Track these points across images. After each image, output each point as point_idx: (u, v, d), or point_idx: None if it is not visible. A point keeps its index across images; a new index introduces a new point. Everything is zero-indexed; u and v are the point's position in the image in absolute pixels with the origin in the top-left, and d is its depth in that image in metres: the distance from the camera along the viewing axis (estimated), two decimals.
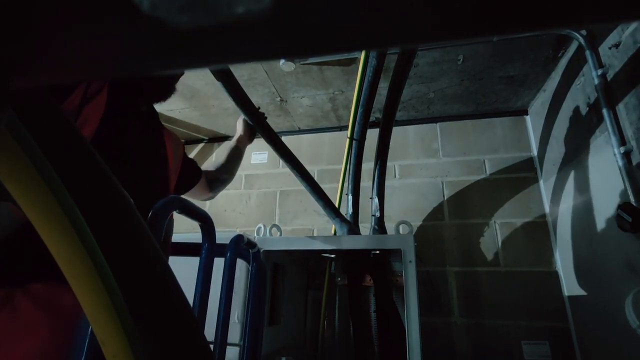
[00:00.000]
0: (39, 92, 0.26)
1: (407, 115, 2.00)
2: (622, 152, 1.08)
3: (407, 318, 1.02)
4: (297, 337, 1.59)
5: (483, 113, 1.94)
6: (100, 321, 0.26)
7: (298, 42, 0.14)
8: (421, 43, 0.14)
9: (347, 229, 1.39)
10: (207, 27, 0.13)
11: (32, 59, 0.16)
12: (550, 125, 1.62)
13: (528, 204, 1.72)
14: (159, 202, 0.50)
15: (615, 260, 1.17)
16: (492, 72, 1.60)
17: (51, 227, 0.25)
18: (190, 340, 0.29)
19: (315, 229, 1.97)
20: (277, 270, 1.46)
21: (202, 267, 0.64)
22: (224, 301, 0.71)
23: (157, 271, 0.29)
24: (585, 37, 1.24)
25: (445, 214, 1.81)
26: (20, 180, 0.24)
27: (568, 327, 1.50)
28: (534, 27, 0.13)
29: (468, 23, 0.12)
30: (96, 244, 0.26)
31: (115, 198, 0.28)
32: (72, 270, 0.26)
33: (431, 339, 1.61)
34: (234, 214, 2.13)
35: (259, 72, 1.65)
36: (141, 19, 0.13)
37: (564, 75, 1.49)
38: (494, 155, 1.85)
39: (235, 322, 1.13)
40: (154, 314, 0.28)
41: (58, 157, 0.25)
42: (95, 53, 0.15)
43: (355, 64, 1.56)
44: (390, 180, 1.91)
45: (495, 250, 1.69)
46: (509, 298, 1.60)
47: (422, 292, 1.68)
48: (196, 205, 0.62)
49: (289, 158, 1.23)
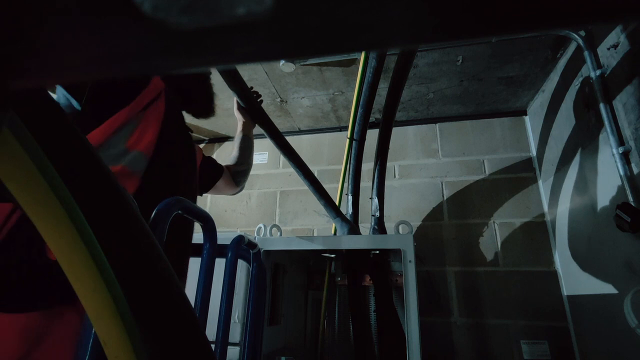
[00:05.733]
0: (39, 92, 0.26)
1: (407, 116, 2.00)
2: (621, 152, 1.08)
3: (407, 318, 1.02)
4: (297, 337, 1.59)
5: (482, 113, 1.94)
6: (102, 322, 0.26)
7: (299, 42, 0.14)
8: (421, 44, 0.14)
9: (348, 229, 1.39)
10: (208, 27, 0.13)
11: (32, 60, 0.16)
12: (549, 126, 1.62)
13: (527, 204, 1.72)
14: (161, 204, 0.50)
15: (614, 260, 1.17)
16: (491, 73, 1.61)
17: (52, 227, 0.25)
18: (192, 340, 0.29)
19: (315, 229, 1.97)
20: (277, 270, 1.46)
21: (203, 268, 0.64)
22: (224, 301, 0.71)
23: (159, 272, 0.29)
24: (584, 37, 1.24)
25: (445, 214, 1.81)
26: (21, 180, 0.24)
27: (567, 327, 1.50)
28: (533, 28, 0.13)
29: (467, 23, 0.12)
30: (98, 244, 0.26)
31: (116, 198, 0.28)
32: (73, 271, 0.26)
33: (431, 339, 1.61)
34: (235, 214, 2.13)
35: (259, 72, 1.65)
36: (142, 20, 0.13)
37: (562, 75, 1.49)
38: (493, 156, 1.85)
39: (236, 322, 1.13)
40: (155, 315, 0.28)
41: (59, 157, 0.25)
42: (96, 54, 0.15)
43: (355, 64, 1.56)
44: (390, 181, 1.91)
45: (494, 250, 1.69)
46: (508, 298, 1.60)
47: (422, 292, 1.68)
48: (197, 206, 0.62)
49: (287, 150, 1.19)
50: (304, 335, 1.64)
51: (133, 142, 0.63)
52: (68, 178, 0.26)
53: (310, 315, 1.69)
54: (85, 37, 0.14)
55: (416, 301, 1.03)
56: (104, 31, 0.14)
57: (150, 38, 0.14)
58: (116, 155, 0.60)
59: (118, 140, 0.61)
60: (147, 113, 0.66)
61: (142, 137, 0.64)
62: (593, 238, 1.30)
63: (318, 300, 1.68)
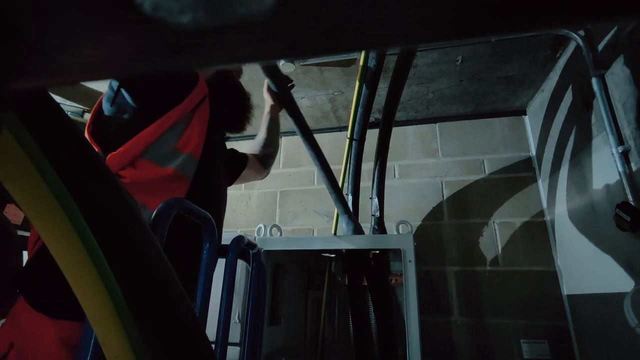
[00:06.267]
0: (39, 93, 0.26)
1: (407, 116, 2.00)
2: (620, 152, 1.09)
3: (407, 318, 1.02)
4: (297, 337, 1.59)
5: (482, 113, 1.94)
6: (101, 322, 0.26)
7: (299, 42, 0.14)
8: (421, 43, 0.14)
9: (353, 228, 1.40)
10: (208, 27, 0.13)
11: (32, 60, 0.16)
12: (549, 125, 1.62)
13: (527, 203, 1.72)
14: (161, 205, 0.50)
15: (614, 259, 1.17)
16: (490, 73, 1.61)
17: (51, 228, 0.25)
18: (192, 340, 0.29)
19: (315, 229, 1.97)
20: (277, 270, 1.46)
21: (203, 268, 0.64)
22: (224, 301, 0.71)
23: (159, 272, 0.29)
24: (584, 37, 1.24)
25: (445, 213, 1.81)
26: (20, 181, 0.24)
27: (567, 326, 1.50)
28: (533, 27, 0.13)
29: (467, 23, 0.12)
30: (97, 244, 0.26)
31: (116, 198, 0.28)
32: (72, 271, 0.26)
33: (431, 339, 1.61)
34: (235, 214, 2.13)
35: (259, 73, 1.65)
36: (143, 20, 0.13)
37: (562, 75, 1.49)
38: (492, 155, 1.85)
39: (236, 322, 1.13)
40: (155, 315, 0.28)
41: (59, 157, 0.25)
42: (96, 54, 0.15)
43: (355, 64, 1.56)
44: (390, 180, 1.91)
45: (494, 249, 1.69)
46: (508, 297, 1.60)
47: (422, 292, 1.68)
48: (197, 207, 0.62)
49: (308, 137, 1.21)
50: (304, 335, 1.64)
51: (183, 144, 0.63)
52: (67, 178, 0.25)
53: (310, 315, 1.69)
54: (85, 37, 0.14)
55: (416, 301, 1.03)
56: (105, 31, 0.14)
57: (150, 38, 0.14)
58: (166, 154, 0.60)
59: (169, 139, 0.61)
60: (195, 115, 0.67)
61: (190, 138, 0.65)
62: (593, 238, 1.30)
63: (318, 300, 1.68)
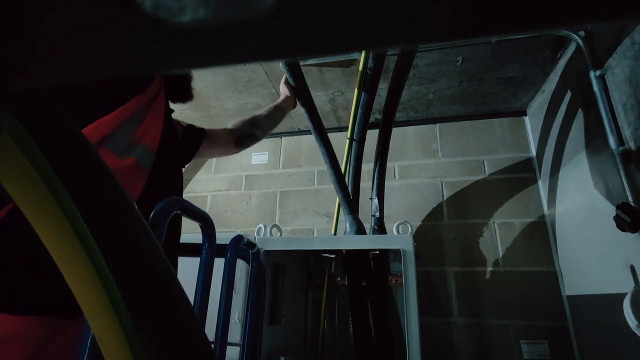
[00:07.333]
0: (38, 92, 0.26)
1: (407, 116, 2.00)
2: (621, 152, 1.09)
3: (407, 318, 1.02)
4: (297, 337, 1.59)
5: (482, 114, 1.94)
6: (98, 319, 0.26)
7: (299, 42, 0.14)
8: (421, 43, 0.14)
9: (356, 228, 1.40)
10: (208, 27, 0.13)
11: (32, 60, 0.16)
12: (549, 126, 1.62)
13: (527, 204, 1.72)
14: (161, 203, 0.50)
15: (613, 259, 1.17)
16: (491, 73, 1.61)
17: (49, 226, 0.25)
18: (191, 340, 0.29)
19: (315, 229, 1.97)
20: (277, 270, 1.46)
21: (202, 268, 0.65)
22: (224, 301, 0.71)
23: (158, 270, 0.29)
24: (584, 38, 1.24)
25: (445, 214, 1.81)
26: (19, 181, 0.24)
27: (567, 327, 1.50)
28: (533, 28, 0.13)
29: (467, 23, 0.12)
30: (94, 242, 0.26)
31: (114, 197, 0.28)
32: (69, 269, 0.26)
33: (431, 339, 1.61)
34: (235, 214, 2.13)
35: (259, 73, 1.65)
36: (143, 18, 0.13)
37: (562, 76, 1.49)
38: (493, 156, 1.85)
39: (236, 322, 1.13)
40: (153, 313, 0.28)
41: (57, 157, 0.25)
42: (96, 53, 0.15)
43: (355, 65, 1.56)
44: (390, 181, 1.91)
45: (494, 250, 1.69)
46: (508, 298, 1.60)
47: (422, 292, 1.68)
48: (196, 206, 0.62)
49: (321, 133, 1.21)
50: (304, 335, 1.64)
51: (140, 136, 0.61)
52: (66, 178, 0.25)
53: (310, 315, 1.69)
54: (85, 36, 0.14)
55: (416, 301, 1.03)
56: (105, 30, 0.14)
57: (150, 37, 0.14)
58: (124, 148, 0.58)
59: (126, 131, 0.59)
60: (152, 107, 0.65)
61: (147, 131, 0.63)
62: (593, 238, 1.30)
63: (318, 300, 1.68)
